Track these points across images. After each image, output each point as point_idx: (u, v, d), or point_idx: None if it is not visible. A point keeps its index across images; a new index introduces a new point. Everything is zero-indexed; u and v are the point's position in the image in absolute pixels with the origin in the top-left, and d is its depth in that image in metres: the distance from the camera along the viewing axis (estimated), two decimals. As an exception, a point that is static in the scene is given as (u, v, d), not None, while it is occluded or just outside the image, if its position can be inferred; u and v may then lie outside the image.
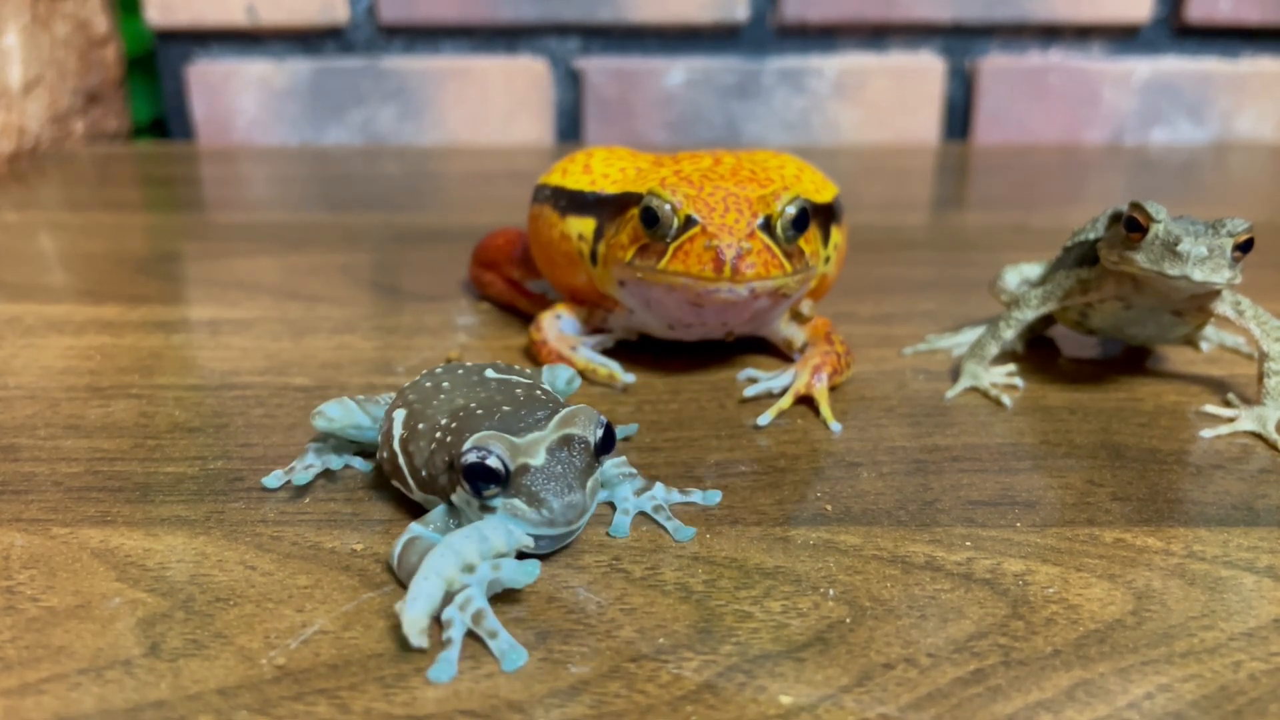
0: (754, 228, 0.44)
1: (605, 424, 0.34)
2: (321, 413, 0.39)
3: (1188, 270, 0.41)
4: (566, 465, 0.32)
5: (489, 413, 0.34)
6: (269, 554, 0.35)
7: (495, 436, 0.32)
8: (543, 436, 0.33)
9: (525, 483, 0.32)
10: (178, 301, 0.60)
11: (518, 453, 0.32)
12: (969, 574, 0.34)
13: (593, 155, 0.51)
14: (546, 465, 0.32)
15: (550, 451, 0.32)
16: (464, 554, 0.31)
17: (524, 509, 0.32)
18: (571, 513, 0.32)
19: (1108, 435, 0.43)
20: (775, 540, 0.36)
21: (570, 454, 0.33)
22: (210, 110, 1.07)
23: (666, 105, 1.07)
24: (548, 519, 0.32)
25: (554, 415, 0.33)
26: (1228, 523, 0.37)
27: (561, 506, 0.32)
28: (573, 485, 0.32)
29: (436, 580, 0.30)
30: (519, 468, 0.32)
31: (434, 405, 0.36)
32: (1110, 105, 1.09)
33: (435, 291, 0.62)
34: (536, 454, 0.32)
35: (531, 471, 0.32)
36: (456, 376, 0.38)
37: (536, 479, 0.32)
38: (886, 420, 0.45)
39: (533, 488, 0.32)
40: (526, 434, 0.33)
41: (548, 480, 0.32)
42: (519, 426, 0.33)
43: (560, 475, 0.32)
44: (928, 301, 0.60)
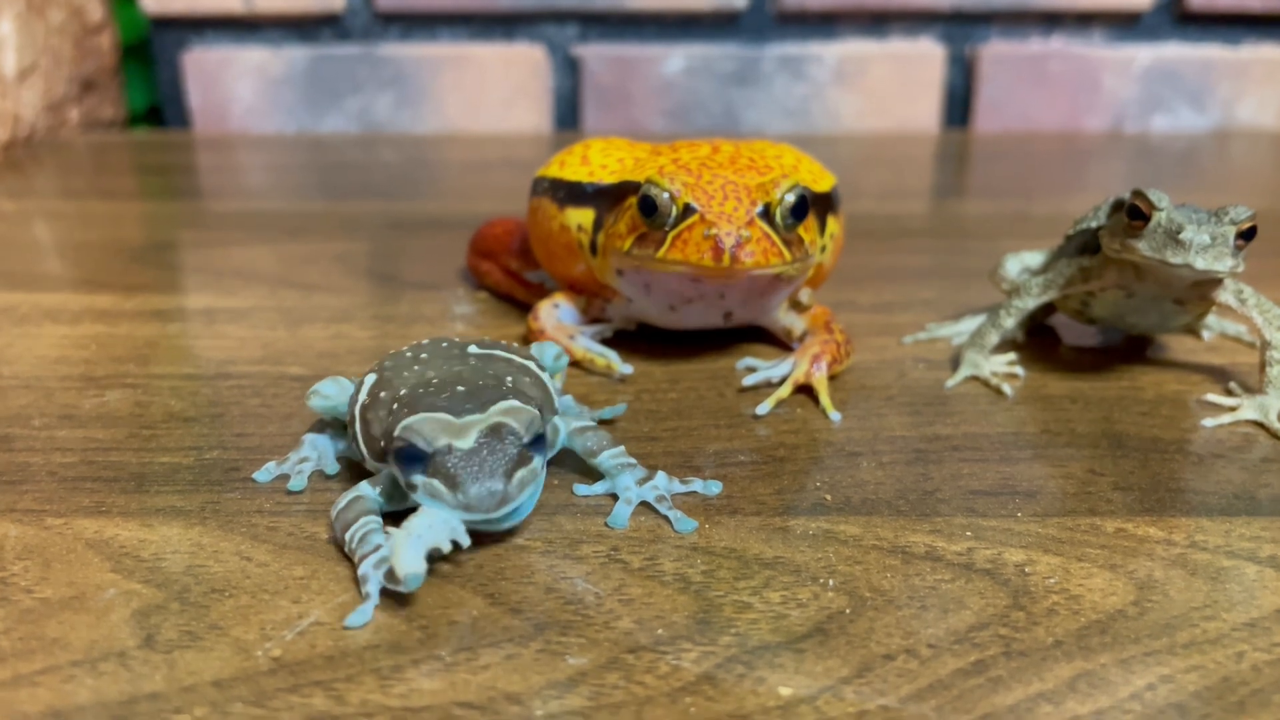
0: (753, 215, 0.43)
1: (537, 435, 0.33)
2: (317, 391, 0.39)
3: (1190, 258, 0.41)
4: (493, 453, 0.32)
5: (440, 390, 0.34)
6: (265, 545, 0.35)
7: (423, 421, 0.32)
8: (478, 420, 0.33)
9: (446, 464, 0.32)
10: (173, 290, 0.60)
11: (445, 433, 0.32)
12: (970, 564, 0.33)
13: (590, 146, 0.51)
14: (472, 450, 0.32)
15: (483, 436, 0.32)
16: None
17: (441, 490, 0.32)
18: (489, 500, 0.32)
19: (1109, 424, 0.43)
20: (774, 530, 0.35)
21: (501, 444, 0.32)
22: (206, 98, 1.07)
23: (665, 93, 1.06)
24: (462, 503, 0.32)
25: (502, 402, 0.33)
26: (1230, 512, 0.37)
27: (477, 492, 0.32)
28: (494, 472, 0.32)
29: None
30: (441, 448, 0.32)
31: (403, 376, 0.36)
32: (1111, 92, 1.08)
33: (433, 280, 0.62)
34: (467, 437, 0.32)
35: (454, 453, 0.32)
36: (438, 349, 0.38)
37: (459, 461, 0.32)
38: (886, 409, 0.45)
39: (451, 470, 0.32)
40: (469, 415, 0.33)
41: (469, 465, 0.32)
42: (465, 407, 0.33)
43: (484, 461, 0.32)
44: (928, 290, 0.60)
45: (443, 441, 0.32)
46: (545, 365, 0.41)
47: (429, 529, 0.32)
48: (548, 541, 0.35)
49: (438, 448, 0.32)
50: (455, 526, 0.32)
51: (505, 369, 0.37)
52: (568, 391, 0.46)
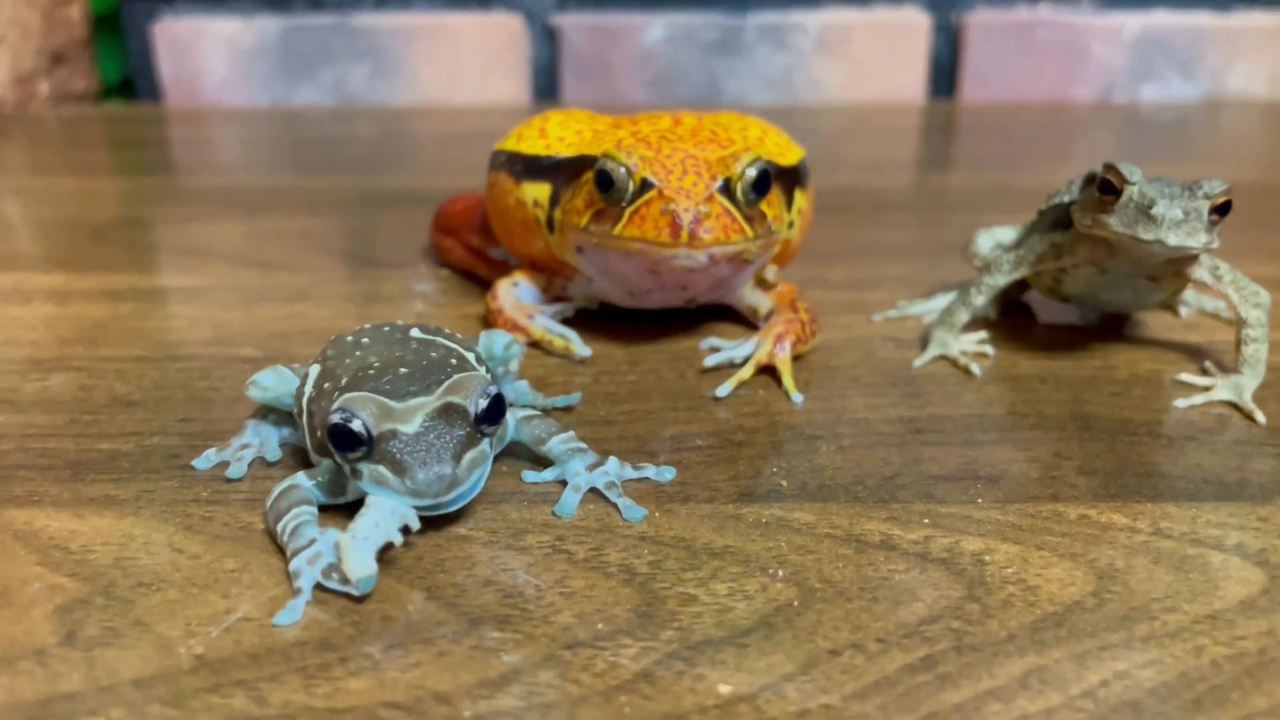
0: (713, 191, 0.42)
1: (493, 394, 0.32)
2: (255, 382, 0.37)
3: (1162, 234, 0.39)
4: (441, 435, 0.31)
5: (381, 374, 0.33)
6: (198, 536, 0.34)
7: (365, 399, 0.31)
8: (424, 403, 0.31)
9: (391, 449, 0.31)
10: (130, 269, 0.59)
11: (388, 417, 0.31)
12: (925, 553, 0.32)
13: (549, 119, 0.49)
14: (418, 434, 0.31)
15: (428, 419, 0.31)
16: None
17: (388, 476, 0.31)
18: (438, 485, 0.31)
19: (1078, 405, 0.42)
20: (727, 518, 0.34)
21: (448, 424, 0.31)
22: (177, 70, 1.05)
23: (646, 62, 1.04)
24: (410, 489, 0.31)
25: (448, 380, 0.32)
26: (1197, 498, 0.35)
27: (426, 477, 0.31)
28: (442, 456, 0.31)
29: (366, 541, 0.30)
30: (385, 433, 0.31)
31: (345, 364, 0.35)
32: (1100, 61, 1.07)
33: (396, 258, 0.60)
34: (412, 420, 0.31)
35: (399, 438, 0.31)
36: (380, 334, 0.37)
37: (404, 446, 0.31)
38: (851, 390, 0.43)
39: (398, 455, 0.31)
40: (414, 398, 0.32)
41: (416, 449, 0.31)
42: (409, 390, 0.32)
43: (431, 445, 0.31)
44: (902, 266, 0.59)
45: (386, 426, 0.31)
46: (494, 354, 0.40)
47: (375, 528, 0.31)
48: (491, 531, 0.34)
49: (381, 432, 0.31)
50: (404, 513, 0.31)
51: (445, 357, 0.35)
52: (525, 374, 0.44)
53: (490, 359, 0.40)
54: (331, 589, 0.30)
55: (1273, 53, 1.07)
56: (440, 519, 0.34)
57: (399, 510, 0.31)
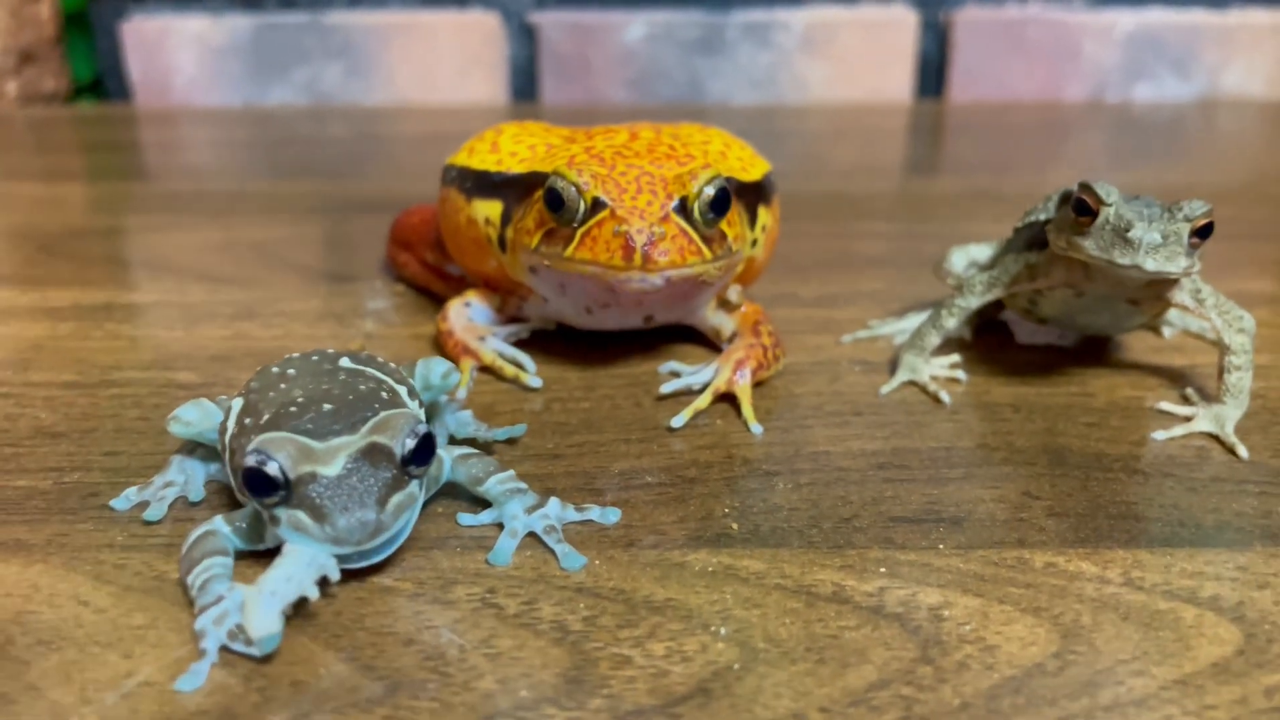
0: (668, 210, 0.40)
1: (422, 434, 0.30)
2: (177, 418, 0.35)
3: (1139, 259, 0.37)
4: (364, 478, 0.29)
5: (304, 411, 0.31)
6: (108, 586, 0.31)
7: (282, 440, 0.29)
8: (347, 443, 0.29)
9: (310, 494, 0.29)
10: (74, 284, 0.56)
11: (308, 459, 0.29)
12: (879, 607, 0.30)
13: (502, 132, 0.47)
14: (340, 476, 0.29)
15: (351, 460, 0.29)
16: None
17: (307, 522, 0.29)
18: (360, 532, 0.29)
19: (1051, 437, 0.40)
20: (670, 567, 0.32)
21: (373, 465, 0.29)
22: (147, 69, 1.02)
23: (626, 61, 1.02)
24: (331, 536, 0.29)
25: (374, 418, 0.30)
26: (1173, 543, 0.33)
27: (347, 523, 0.29)
28: (365, 501, 0.29)
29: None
30: (304, 476, 0.29)
31: (269, 398, 0.32)
32: (1092, 60, 1.04)
33: (351, 271, 0.58)
34: (333, 462, 0.29)
35: (319, 482, 0.29)
36: (307, 364, 0.34)
37: (324, 490, 0.29)
38: (813, 420, 0.41)
39: (317, 500, 0.29)
40: (336, 438, 0.29)
41: (336, 494, 0.29)
42: (332, 429, 0.30)
43: (353, 488, 0.29)
44: (877, 280, 0.57)
45: (305, 468, 0.29)
46: (431, 384, 0.37)
47: (287, 582, 0.29)
48: (418, 582, 0.32)
49: (300, 475, 0.29)
50: (323, 563, 0.29)
51: (373, 391, 0.33)
52: (473, 400, 0.42)
53: (427, 389, 0.38)
54: (236, 651, 0.28)
55: (1270, 51, 1.04)
56: (365, 568, 0.32)
57: (316, 561, 0.29)
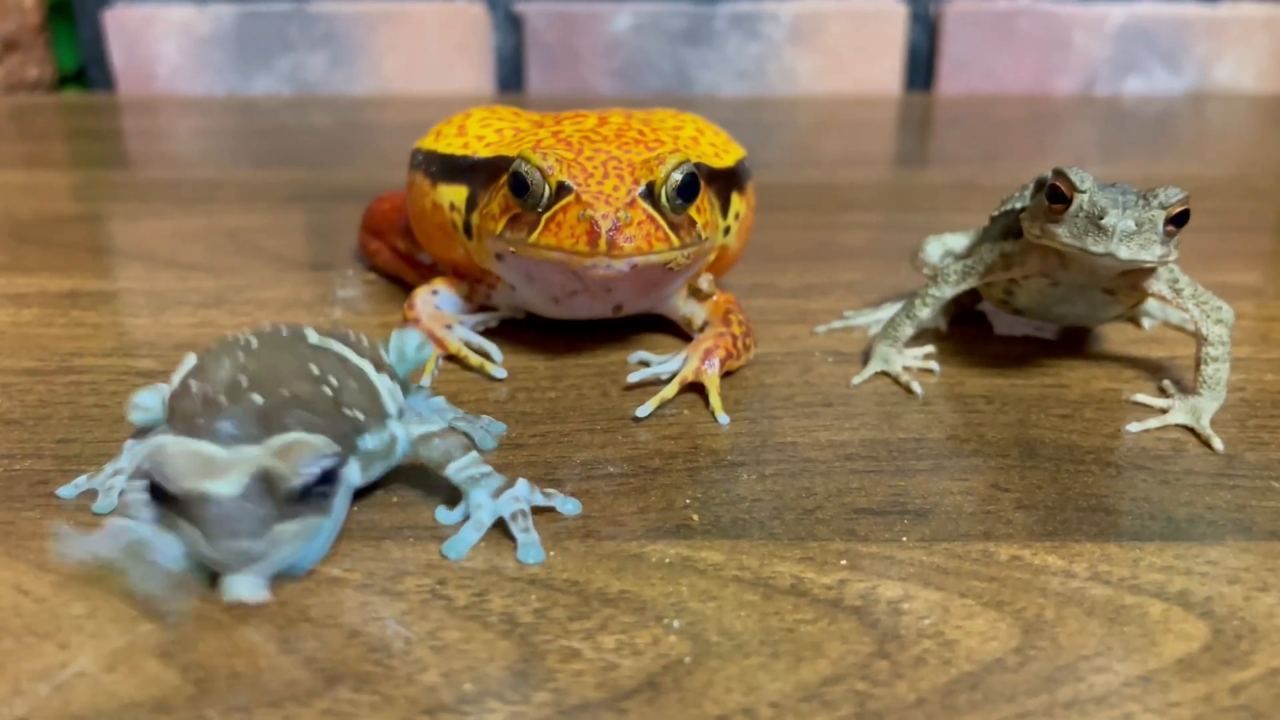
0: (635, 196, 0.39)
1: (326, 466, 0.29)
2: (137, 404, 0.34)
3: (1113, 247, 0.36)
4: (254, 503, 0.28)
5: (230, 403, 0.30)
6: (48, 576, 0.31)
7: (181, 455, 0.28)
8: (247, 459, 0.28)
9: (196, 510, 0.28)
10: (42, 271, 0.56)
11: (202, 472, 0.28)
12: (838, 600, 0.30)
13: (470, 116, 0.47)
14: (228, 499, 0.28)
15: (247, 482, 0.28)
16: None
17: (194, 535, 0.28)
18: (238, 561, 0.28)
19: (1024, 429, 0.39)
20: (627, 559, 0.31)
21: (264, 492, 0.28)
22: (129, 58, 1.01)
23: (613, 51, 1.01)
24: (210, 557, 0.28)
25: (294, 429, 0.29)
26: (1142, 536, 0.33)
27: (226, 550, 0.28)
28: (248, 531, 0.28)
29: None
30: (193, 493, 0.28)
31: (217, 367, 0.32)
32: (1082, 52, 1.03)
33: (323, 260, 0.57)
34: (228, 479, 0.28)
35: (209, 500, 0.28)
36: (271, 338, 0.33)
37: (211, 510, 0.28)
38: (782, 410, 0.41)
39: (203, 518, 0.28)
40: (242, 446, 0.29)
41: (220, 515, 0.28)
42: (252, 431, 0.29)
43: (238, 514, 0.28)
44: (855, 270, 0.56)
45: (192, 484, 0.28)
46: (405, 356, 0.36)
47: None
48: (368, 573, 0.31)
49: (187, 490, 0.28)
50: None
51: (333, 369, 0.32)
52: (438, 389, 0.42)
53: (401, 361, 0.37)
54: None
55: (1261, 44, 1.04)
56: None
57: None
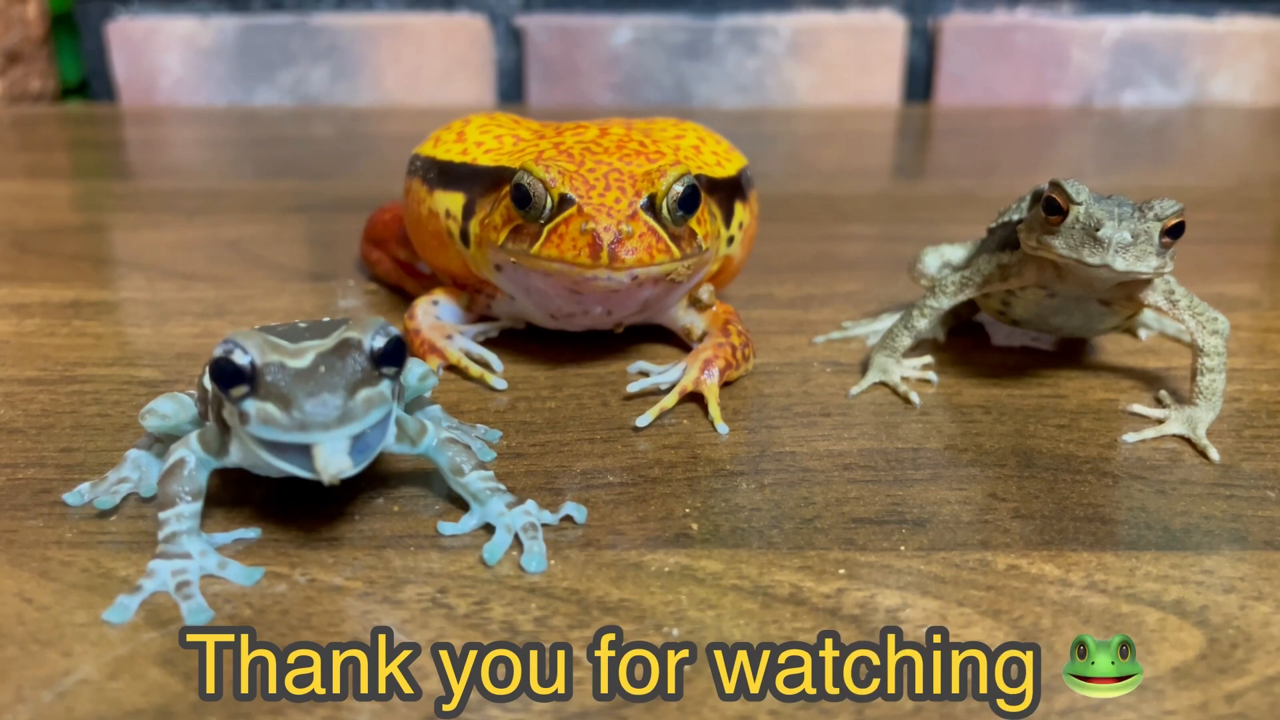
0: (636, 208, 0.39)
1: (394, 334, 0.30)
2: (153, 410, 0.35)
3: (1109, 258, 0.37)
4: (331, 369, 0.29)
5: (276, 328, 0.31)
6: (52, 584, 0.31)
7: (251, 333, 0.29)
8: (317, 345, 0.29)
9: (277, 381, 0.29)
10: (44, 281, 0.56)
11: (275, 351, 0.29)
12: (836, 609, 0.30)
13: (470, 122, 0.47)
14: (308, 368, 0.29)
15: (320, 357, 0.29)
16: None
17: (274, 412, 0.29)
18: (326, 413, 0.28)
19: (1021, 439, 0.39)
20: (627, 567, 0.32)
21: (342, 359, 0.29)
22: (132, 70, 1.02)
23: (613, 65, 1.02)
24: (299, 421, 0.28)
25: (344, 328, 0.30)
26: (1138, 546, 0.33)
27: (313, 408, 0.28)
28: (335, 387, 0.29)
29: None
30: (271, 365, 0.29)
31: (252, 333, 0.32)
32: (1079, 66, 1.04)
33: (325, 269, 0.58)
34: (302, 357, 0.29)
35: (286, 370, 0.29)
36: (294, 324, 0.34)
37: (289, 378, 0.29)
38: (780, 420, 0.41)
39: (284, 387, 0.28)
40: (307, 340, 0.30)
41: (301, 380, 0.29)
42: (303, 336, 0.30)
43: (319, 376, 0.29)
44: (854, 281, 0.56)
45: (273, 358, 0.29)
46: (408, 385, 0.37)
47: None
48: (369, 581, 0.31)
49: (267, 362, 0.29)
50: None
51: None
52: (438, 399, 0.42)
53: (405, 388, 0.37)
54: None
55: (1258, 58, 1.04)
56: (316, 567, 0.31)
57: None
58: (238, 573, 0.31)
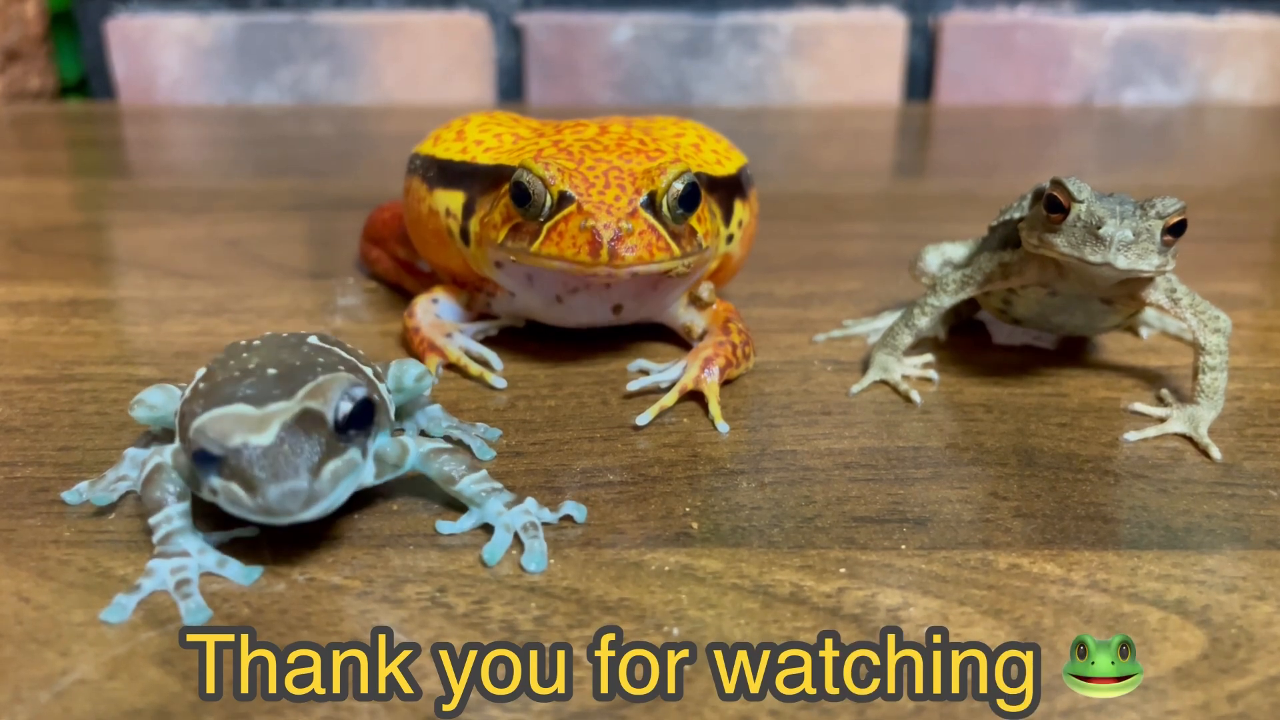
0: (636, 206, 0.39)
1: (359, 397, 0.30)
2: (142, 401, 0.35)
3: (1110, 256, 0.36)
4: (296, 447, 0.28)
5: (247, 377, 0.31)
6: (50, 583, 0.31)
7: (215, 419, 0.29)
8: (282, 410, 0.29)
9: (242, 465, 0.28)
10: (43, 279, 0.56)
11: (241, 429, 0.28)
12: (836, 608, 0.30)
13: (469, 121, 0.47)
14: (271, 446, 0.28)
15: (284, 429, 0.29)
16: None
17: (240, 494, 0.28)
18: (291, 502, 0.28)
19: (1022, 438, 0.39)
20: (627, 566, 0.32)
21: (305, 433, 0.29)
22: (131, 68, 1.02)
23: (613, 63, 1.01)
24: (262, 507, 0.28)
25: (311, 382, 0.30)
26: (1140, 545, 0.33)
27: (278, 494, 0.28)
28: (298, 469, 0.28)
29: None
30: (236, 448, 0.28)
31: (229, 366, 0.32)
32: (1080, 65, 1.04)
33: (323, 268, 0.57)
34: (266, 431, 0.28)
35: (250, 450, 0.28)
36: (274, 339, 0.34)
37: (253, 458, 0.28)
38: (781, 419, 0.41)
39: (249, 471, 0.28)
40: (273, 404, 0.29)
41: (266, 462, 0.28)
42: (272, 394, 0.30)
43: (283, 459, 0.28)
44: (854, 280, 0.56)
45: (236, 440, 0.28)
46: (404, 386, 0.37)
47: None
48: (368, 580, 0.31)
49: (231, 447, 0.28)
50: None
51: (340, 362, 0.33)
52: (437, 397, 0.42)
53: (399, 391, 0.37)
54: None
55: (1260, 57, 1.04)
56: (315, 566, 0.31)
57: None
58: (236, 571, 0.31)
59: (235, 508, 0.29)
